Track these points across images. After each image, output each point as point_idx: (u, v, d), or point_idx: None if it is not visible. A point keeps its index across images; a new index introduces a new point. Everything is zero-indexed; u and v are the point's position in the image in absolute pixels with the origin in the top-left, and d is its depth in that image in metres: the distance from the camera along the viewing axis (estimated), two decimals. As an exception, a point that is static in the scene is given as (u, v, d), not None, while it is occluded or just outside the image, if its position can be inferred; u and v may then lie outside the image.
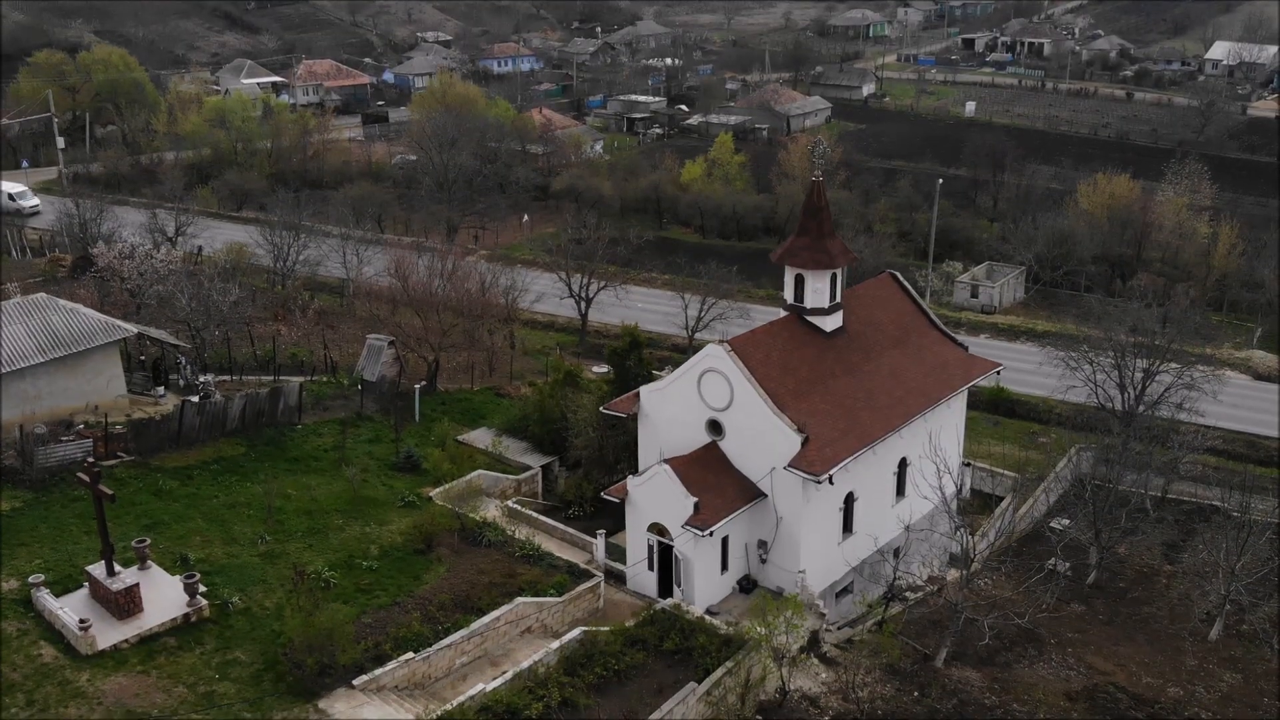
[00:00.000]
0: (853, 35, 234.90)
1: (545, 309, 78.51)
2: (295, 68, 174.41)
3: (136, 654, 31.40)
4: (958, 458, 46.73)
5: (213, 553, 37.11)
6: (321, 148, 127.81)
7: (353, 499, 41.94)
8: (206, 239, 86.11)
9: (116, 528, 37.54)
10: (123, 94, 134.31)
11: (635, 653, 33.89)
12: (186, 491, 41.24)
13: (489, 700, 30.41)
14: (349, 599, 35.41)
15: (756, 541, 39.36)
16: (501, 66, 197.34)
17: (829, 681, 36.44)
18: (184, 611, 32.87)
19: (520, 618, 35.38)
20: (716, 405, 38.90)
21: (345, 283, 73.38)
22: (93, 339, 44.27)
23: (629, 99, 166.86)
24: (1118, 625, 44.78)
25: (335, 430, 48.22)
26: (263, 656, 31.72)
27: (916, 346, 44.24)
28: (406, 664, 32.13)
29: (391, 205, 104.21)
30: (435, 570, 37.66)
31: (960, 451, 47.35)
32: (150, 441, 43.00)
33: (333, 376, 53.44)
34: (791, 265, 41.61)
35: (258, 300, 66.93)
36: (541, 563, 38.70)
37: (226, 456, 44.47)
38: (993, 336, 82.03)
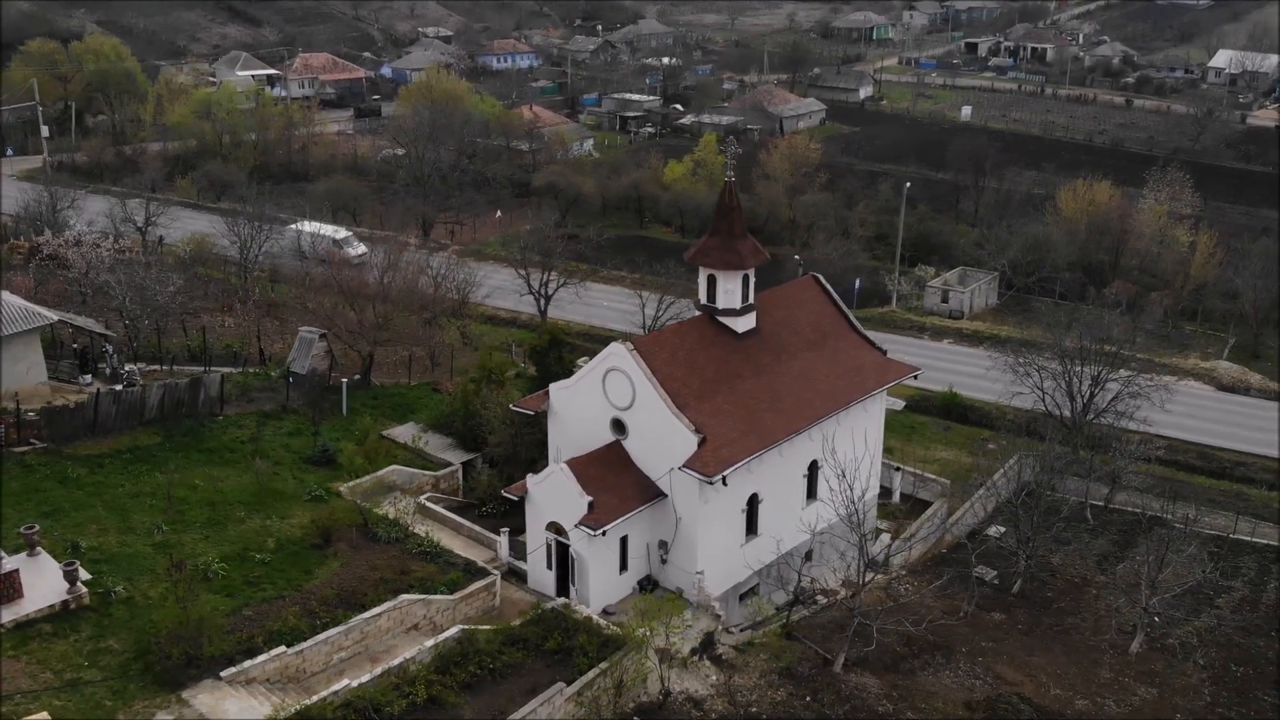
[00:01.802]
0: (855, 38, 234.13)
1: (507, 305, 78.51)
2: (291, 60, 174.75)
3: (10, 639, 31.46)
4: (875, 461, 46.37)
5: (106, 541, 37.16)
6: (308, 141, 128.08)
7: (258, 492, 41.94)
8: (178, 229, 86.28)
9: (16, 513, 37.72)
10: (113, 84, 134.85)
11: (515, 652, 33.74)
12: (94, 480, 41.32)
13: (353, 696, 30.30)
14: (234, 591, 35.40)
15: (658, 542, 39.19)
16: (500, 63, 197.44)
17: (718, 684, 36.21)
18: (63, 599, 32.90)
19: (405, 615, 35.28)
20: (620, 404, 38.75)
21: (304, 276, 73.39)
22: (13, 325, 44.40)
23: (623, 97, 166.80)
24: (1036, 635, 44.40)
25: (256, 421, 48.24)
26: (136, 645, 31.74)
27: (832, 349, 43.96)
28: (278, 658, 32.06)
29: (368, 199, 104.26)
30: (329, 566, 37.61)
31: (878, 455, 46.99)
32: (64, 429, 43.10)
33: (263, 368, 53.42)
34: (703, 265, 41.45)
35: (209, 291, 67.10)
36: (438, 560, 38.62)
37: (141, 446, 44.55)
38: (956, 342, 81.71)
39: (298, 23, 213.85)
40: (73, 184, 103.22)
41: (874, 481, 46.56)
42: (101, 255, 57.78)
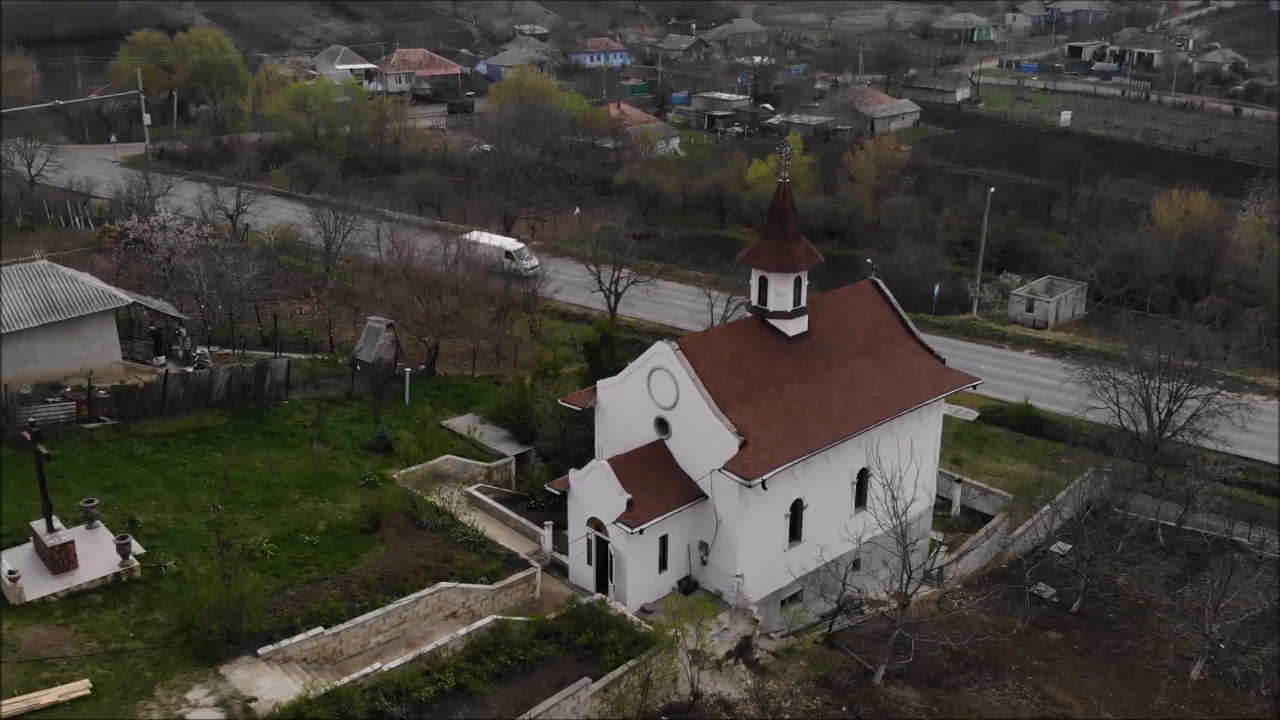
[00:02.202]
0: (955, 39, 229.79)
1: (579, 301, 79.05)
2: (388, 55, 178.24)
3: (62, 607, 32.80)
4: (930, 472, 45.54)
5: (163, 517, 38.46)
6: (400, 135, 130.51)
7: (314, 475, 42.97)
8: (267, 217, 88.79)
9: (80, 487, 39.28)
10: (215, 75, 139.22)
11: (546, 645, 33.99)
12: (157, 458, 42.82)
13: (382, 680, 30.88)
14: (280, 572, 36.33)
15: (699, 543, 39.10)
16: (593, 61, 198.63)
17: (752, 688, 36.00)
18: (115, 571, 34.16)
19: (444, 603, 35.80)
20: (664, 403, 38.76)
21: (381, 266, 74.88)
22: (89, 306, 46.24)
23: (712, 96, 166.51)
24: (1093, 657, 43.19)
25: (321, 407, 49.43)
26: (180, 620, 32.79)
27: (887, 356, 43.31)
28: (315, 638, 32.83)
29: (452, 194, 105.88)
30: (375, 550, 38.35)
31: (933, 465, 46.13)
32: (133, 408, 44.72)
33: (331, 355, 54.69)
34: (755, 267, 41.21)
35: (289, 279, 68.85)
36: (481, 550, 39.10)
37: (207, 427, 46.00)
38: (1037, 352, 79.68)
39: (398, 19, 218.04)
40: (172, 171, 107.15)
41: (929, 493, 45.72)
42: (184, 240, 59.68)
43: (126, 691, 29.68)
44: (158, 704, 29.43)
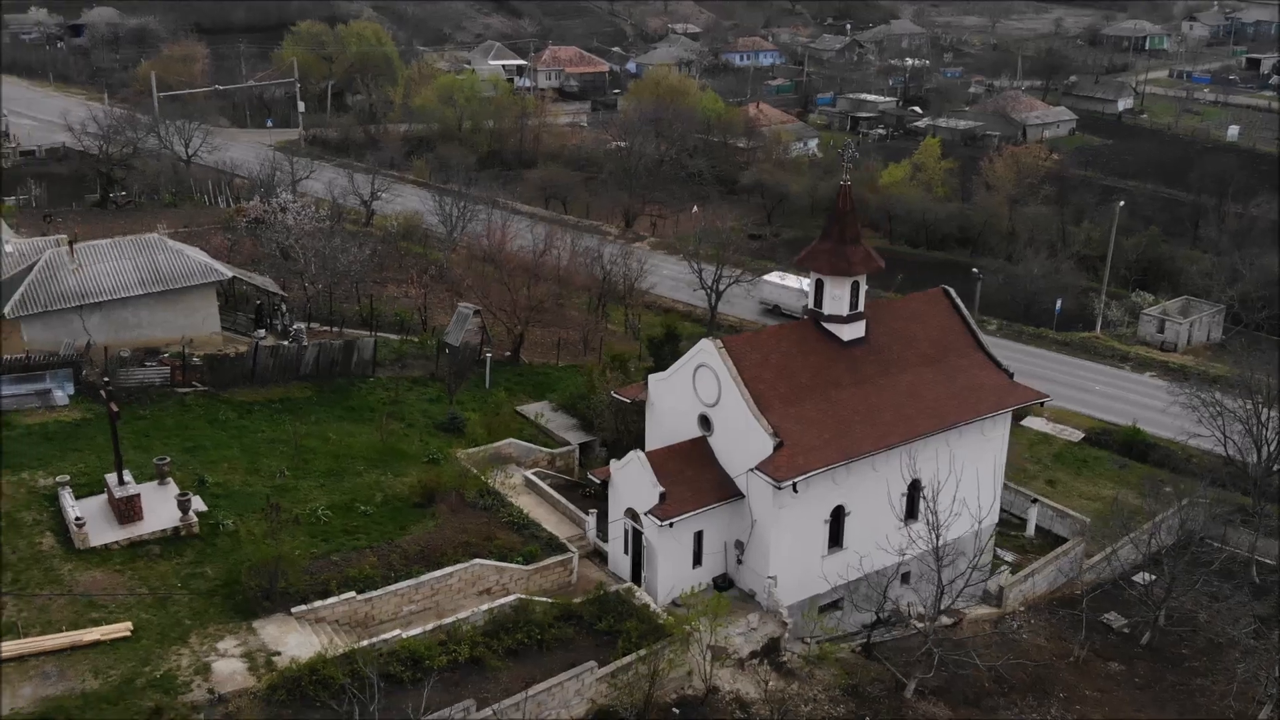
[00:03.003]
0: (1125, 46, 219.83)
1: (682, 298, 79.68)
2: (540, 52, 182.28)
3: (122, 555, 35.45)
4: (995, 489, 44.35)
5: (232, 479, 40.96)
6: (540, 130, 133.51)
7: (382, 449, 44.93)
8: (399, 205, 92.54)
9: (162, 446, 42.20)
10: (371, 66, 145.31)
11: (566, 627, 34.85)
12: (239, 424, 45.56)
13: (400, 645, 32.30)
14: (331, 537, 38.25)
15: (735, 542, 39.27)
16: (743, 60, 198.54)
17: (773, 690, 35.99)
18: (175, 525, 36.67)
19: (477, 578, 37.05)
20: (707, 400, 39.09)
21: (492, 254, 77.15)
22: (191, 278, 49.51)
23: (857, 98, 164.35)
24: (1153, 692, 41.57)
25: (404, 386, 51.57)
26: (227, 575, 34.96)
27: (951, 367, 42.43)
28: (348, 602, 34.55)
29: (579, 189, 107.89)
30: (424, 524, 39.92)
31: (998, 482, 44.88)
32: (224, 376, 47.67)
33: (422, 337, 56.88)
34: (811, 270, 41.06)
35: (403, 264, 71.70)
36: (524, 531, 40.23)
37: (293, 398, 48.63)
38: (1159, 375, 76.06)
39: (556, 16, 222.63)
40: (320, 156, 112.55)
41: (993, 510, 44.55)
42: (302, 222, 62.94)
43: (164, 636, 31.93)
44: (189, 650, 31.55)
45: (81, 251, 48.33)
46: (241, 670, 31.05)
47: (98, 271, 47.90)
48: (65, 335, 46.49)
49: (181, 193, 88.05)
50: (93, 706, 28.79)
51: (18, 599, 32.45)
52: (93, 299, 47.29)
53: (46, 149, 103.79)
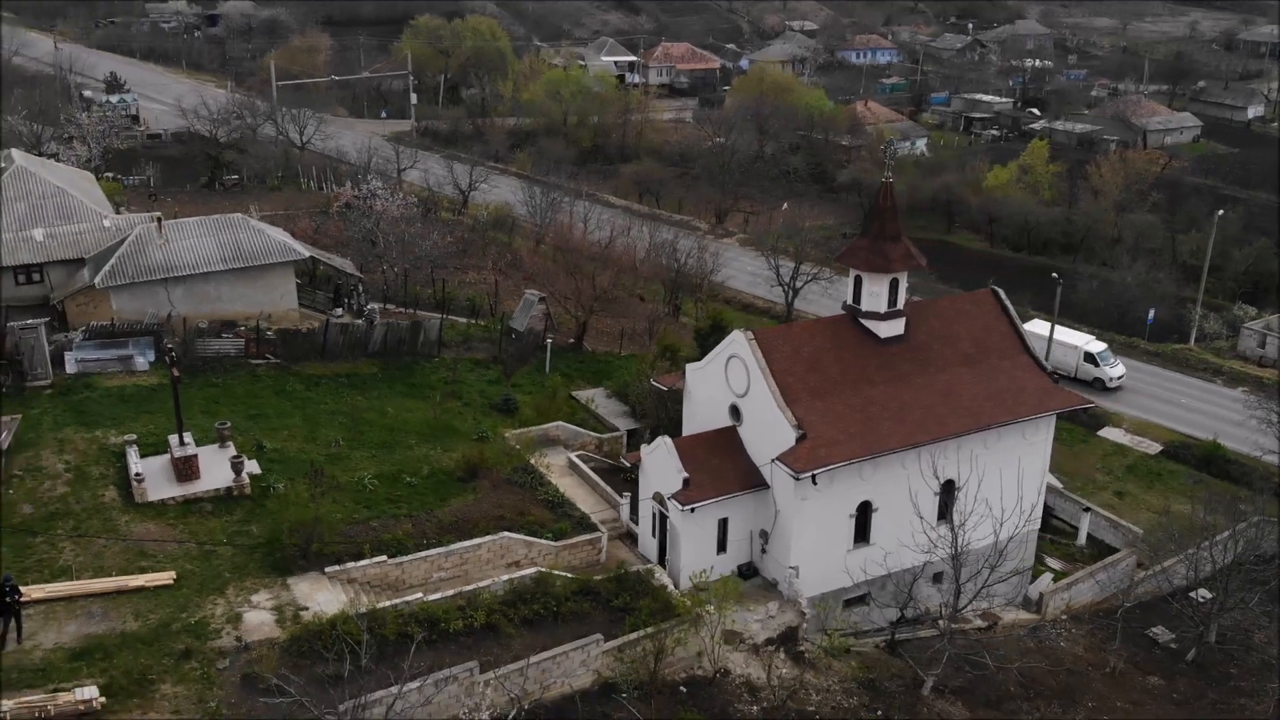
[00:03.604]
0: (1263, 52, 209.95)
1: (761, 294, 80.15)
2: (652, 48, 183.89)
3: (177, 510, 38.05)
4: (1035, 493, 43.85)
5: (289, 446, 43.38)
6: (643, 125, 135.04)
7: (435, 425, 46.89)
8: (496, 195, 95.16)
9: (228, 412, 44.92)
10: (485, 61, 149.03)
11: (583, 602, 36.11)
12: (305, 395, 48.10)
13: (420, 608, 34.02)
14: (374, 505, 40.25)
15: (760, 531, 39.90)
16: (859, 58, 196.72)
17: (786, 677, 36.57)
18: (228, 485, 39.16)
19: (505, 550, 38.56)
20: (737, 391, 39.81)
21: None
22: (270, 256, 52.36)
23: (972, 98, 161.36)
24: (1190, 709, 40.85)
25: (465, 367, 53.57)
26: (270, 534, 37.14)
27: (991, 368, 42.18)
28: (379, 565, 36.43)
29: (672, 184, 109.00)
30: (464, 497, 41.64)
31: (1039, 488, 44.35)
32: (296, 350, 50.33)
33: (489, 322, 58.86)
34: (850, 266, 41.36)
35: (487, 251, 73.97)
36: (558, 510, 41.60)
37: (360, 374, 51.03)
38: (1251, 391, 73.33)
39: (673, 13, 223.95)
40: (430, 148, 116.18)
41: (1033, 515, 44.06)
42: (389, 209, 65.59)
43: (204, 586, 34.30)
44: (225, 600, 33.83)
45: (169, 228, 51.58)
46: (269, 622, 33.15)
47: (183, 247, 51.11)
48: (150, 306, 49.78)
49: (289, 178, 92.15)
50: (129, 645, 31.19)
51: (76, 544, 35.25)
52: (177, 273, 50.51)
53: (173, 133, 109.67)
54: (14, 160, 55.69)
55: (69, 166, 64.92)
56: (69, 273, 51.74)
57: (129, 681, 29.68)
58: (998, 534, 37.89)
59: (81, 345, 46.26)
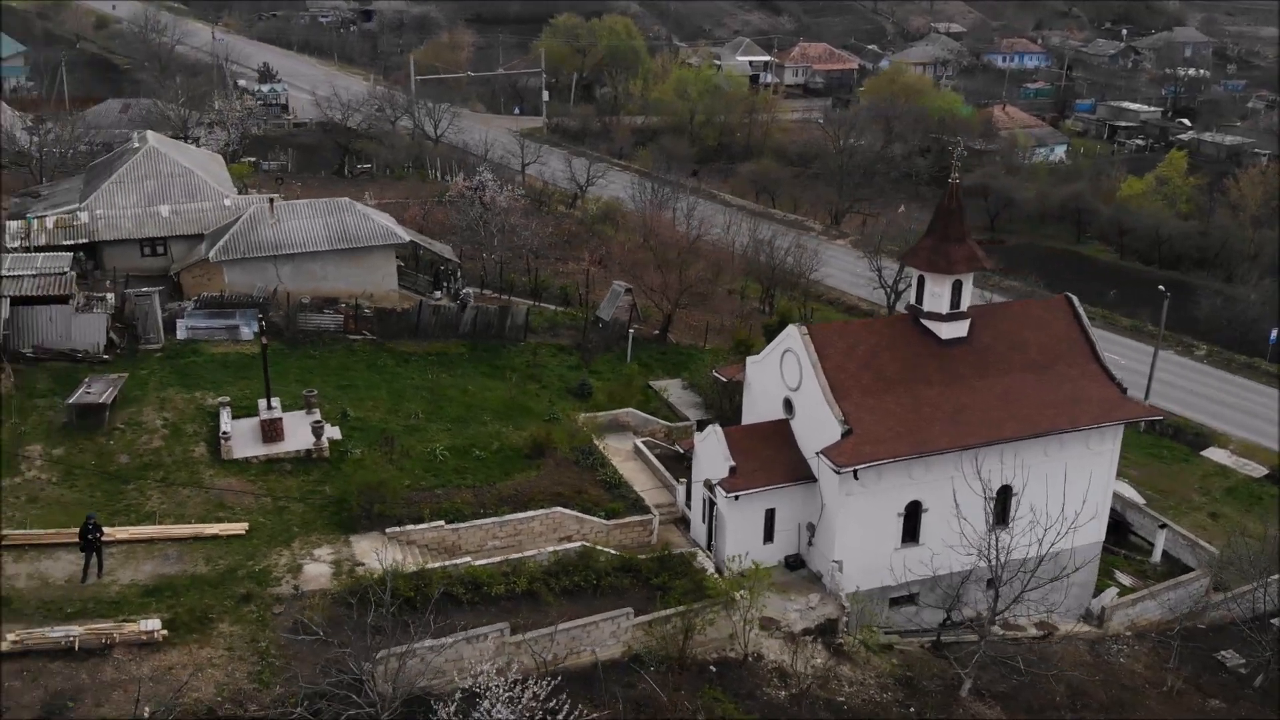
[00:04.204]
0: None
1: (865, 295, 79.97)
2: (788, 48, 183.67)
3: (259, 468, 41.00)
4: (1100, 506, 43.10)
5: (371, 415, 46.02)
6: (770, 125, 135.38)
7: (510, 405, 48.98)
8: (610, 191, 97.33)
9: (320, 381, 47.89)
10: (620, 59, 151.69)
11: (624, 578, 37.46)
12: (394, 370, 50.82)
13: (467, 571, 35.98)
14: (441, 474, 42.46)
15: (807, 524, 40.51)
16: (1005, 62, 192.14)
17: (818, 667, 37.17)
18: (308, 448, 41.96)
19: (558, 525, 40.21)
20: (791, 384, 40.52)
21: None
22: (373, 239, 55.41)
23: (1118, 106, 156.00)
24: (1246, 734, 39.68)
25: (549, 352, 55.59)
26: (341, 495, 39.70)
27: (1057, 376, 41.71)
28: (436, 529, 38.58)
29: (789, 183, 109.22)
30: (527, 473, 43.49)
31: (1104, 499, 43.55)
32: (391, 328, 53.16)
33: (577, 309, 60.75)
34: (913, 266, 41.56)
35: (590, 243, 76.03)
36: (615, 491, 43.05)
37: (449, 353, 53.55)
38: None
39: (816, 13, 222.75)
40: (558, 144, 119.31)
41: (1096, 527, 43.37)
42: (496, 199, 68.26)
43: (272, 538, 37.02)
44: (290, 552, 36.46)
45: (281, 209, 55.13)
46: (326, 574, 35.61)
47: (293, 227, 54.56)
48: (259, 280, 53.31)
49: (418, 168, 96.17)
50: (196, 587, 34.03)
51: (162, 493, 38.51)
52: (286, 251, 53.93)
53: (317, 121, 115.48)
54: (148, 141, 60.30)
55: (200, 149, 69.63)
56: (189, 247, 55.83)
57: (191, 619, 32.41)
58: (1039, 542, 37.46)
59: (192, 314, 50.02)
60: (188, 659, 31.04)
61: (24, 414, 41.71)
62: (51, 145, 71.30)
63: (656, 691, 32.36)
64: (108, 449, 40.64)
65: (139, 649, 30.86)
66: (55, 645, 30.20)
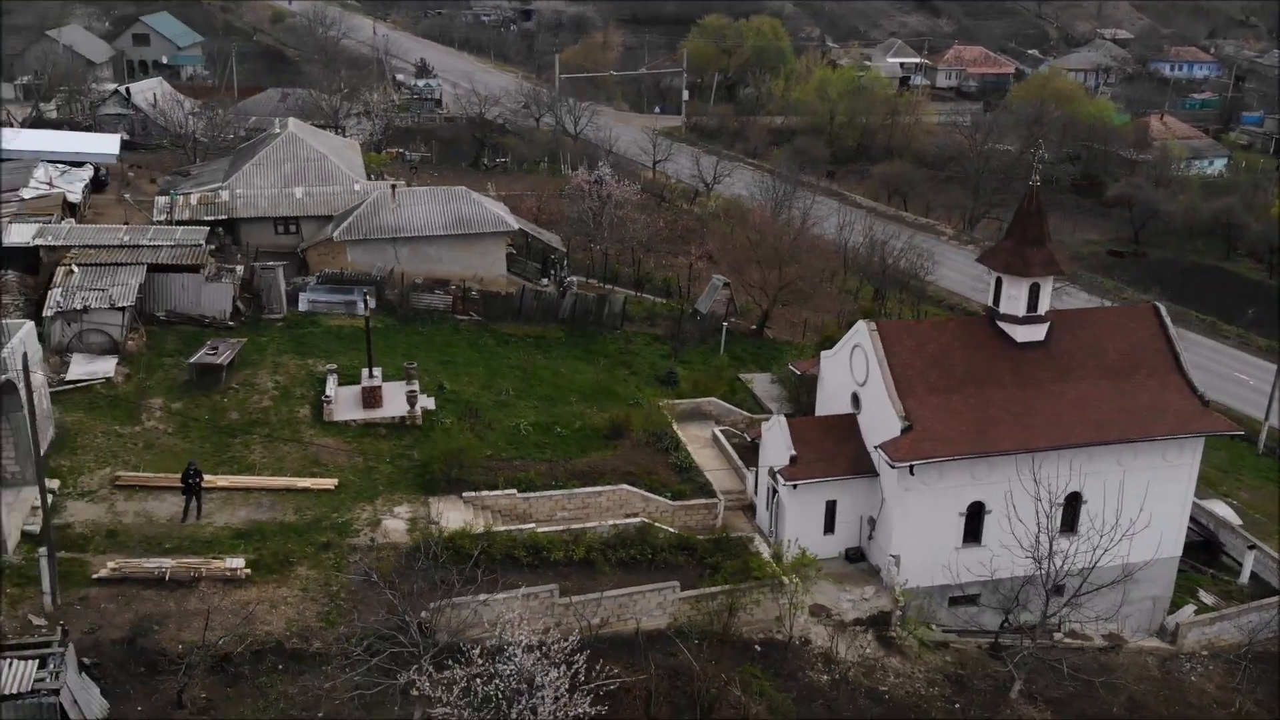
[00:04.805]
0: None
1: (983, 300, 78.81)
2: (942, 51, 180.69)
3: (355, 431, 44.16)
4: (1175, 521, 42.24)
5: (466, 390, 48.78)
6: (913, 127, 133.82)
7: (597, 387, 51.05)
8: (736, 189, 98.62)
9: (423, 355, 50.99)
10: (766, 60, 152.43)
11: (679, 555, 39.01)
12: (493, 349, 53.59)
13: (529, 536, 38.18)
14: (522, 446, 44.85)
15: (869, 518, 41.15)
16: (1172, 70, 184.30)
17: (866, 657, 37.88)
18: (403, 415, 44.94)
19: (624, 501, 41.96)
20: (859, 379, 41.22)
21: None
22: (485, 226, 58.40)
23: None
24: (1318, 765, 38.55)
25: (643, 340, 57.46)
26: (426, 460, 42.47)
27: (1136, 385, 41.13)
28: (508, 497, 40.91)
29: (922, 186, 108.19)
30: (603, 452, 45.42)
31: (1183, 513, 42.61)
32: (496, 310, 56.02)
33: (676, 301, 62.41)
34: (990, 267, 41.68)
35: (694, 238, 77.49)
36: (685, 474, 44.56)
37: (548, 336, 56.03)
38: None
39: (977, 16, 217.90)
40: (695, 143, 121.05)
41: (1171, 541, 42.55)
42: (613, 193, 70.39)
43: (358, 495, 40.02)
44: (372, 508, 39.35)
45: (402, 195, 58.63)
46: (402, 530, 38.34)
47: (412, 212, 57.99)
48: (379, 260, 56.91)
49: (553, 163, 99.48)
50: (283, 533, 37.21)
51: (265, 447, 42.03)
52: (404, 234, 57.40)
53: (468, 116, 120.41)
54: (288, 127, 64.85)
55: (337, 136, 74.10)
56: (318, 227, 59.93)
57: (274, 561, 35.54)
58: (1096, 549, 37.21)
59: (314, 288, 53.90)
60: (265, 596, 34.12)
61: (150, 370, 46.04)
62: (207, 129, 77.08)
63: (691, 661, 33.75)
64: (221, 405, 44.50)
65: (223, 584, 34.07)
66: (149, 575, 33.69)
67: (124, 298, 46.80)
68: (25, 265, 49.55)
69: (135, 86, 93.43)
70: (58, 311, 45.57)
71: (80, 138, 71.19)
